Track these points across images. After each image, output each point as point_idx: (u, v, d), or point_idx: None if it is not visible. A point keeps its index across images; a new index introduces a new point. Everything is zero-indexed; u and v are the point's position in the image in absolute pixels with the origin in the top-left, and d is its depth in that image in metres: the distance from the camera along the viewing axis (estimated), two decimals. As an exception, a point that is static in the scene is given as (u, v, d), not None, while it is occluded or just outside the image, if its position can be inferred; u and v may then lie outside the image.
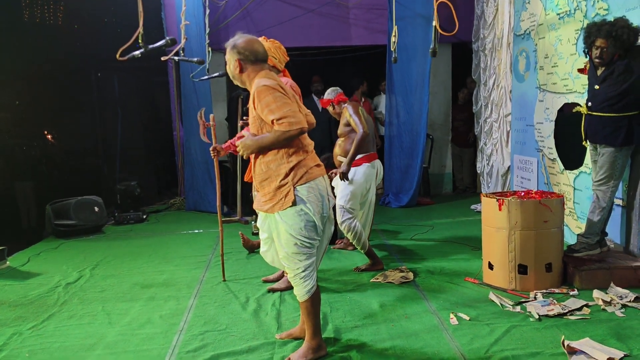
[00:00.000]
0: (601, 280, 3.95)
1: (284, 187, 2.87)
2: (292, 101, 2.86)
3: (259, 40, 3.04)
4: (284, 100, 2.79)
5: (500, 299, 3.81)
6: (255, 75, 2.95)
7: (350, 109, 4.77)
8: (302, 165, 2.89)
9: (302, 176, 2.87)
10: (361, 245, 4.70)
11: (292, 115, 2.75)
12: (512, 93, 6.51)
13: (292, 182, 2.86)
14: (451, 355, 3.02)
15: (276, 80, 2.89)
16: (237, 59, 2.97)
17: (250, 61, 2.96)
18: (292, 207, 2.85)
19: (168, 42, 4.44)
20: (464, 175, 8.89)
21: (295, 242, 2.90)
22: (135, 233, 6.61)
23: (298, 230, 2.88)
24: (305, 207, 2.87)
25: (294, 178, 2.86)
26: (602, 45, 3.95)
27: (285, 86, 2.92)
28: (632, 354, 2.93)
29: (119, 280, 4.68)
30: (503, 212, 4.03)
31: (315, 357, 3.01)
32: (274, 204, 2.90)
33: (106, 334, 3.50)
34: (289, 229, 2.89)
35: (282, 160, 2.89)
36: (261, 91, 2.80)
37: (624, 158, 4.05)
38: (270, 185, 2.92)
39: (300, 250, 2.92)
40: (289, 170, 2.87)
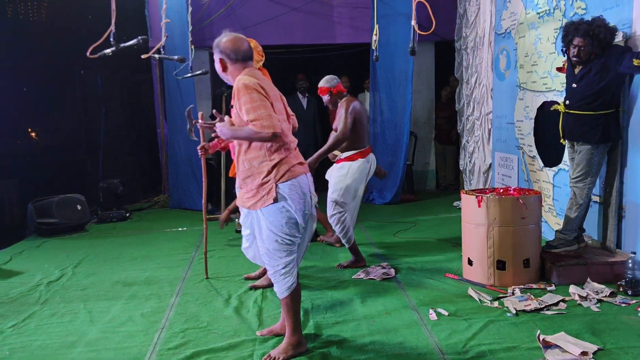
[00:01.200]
0: (578, 275, 4.03)
1: (267, 185, 2.89)
2: (271, 102, 2.86)
3: (244, 38, 3.06)
4: (260, 102, 2.80)
5: (479, 294, 3.87)
6: (239, 73, 2.97)
7: (347, 106, 4.69)
8: (284, 162, 2.92)
9: (284, 174, 2.90)
10: (347, 240, 4.73)
11: (265, 118, 2.77)
12: (493, 91, 6.58)
13: (274, 180, 2.89)
14: (429, 350, 3.06)
15: (258, 79, 2.91)
16: (220, 57, 3.01)
17: (232, 60, 2.99)
18: (274, 204, 2.88)
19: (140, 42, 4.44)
20: (447, 173, 8.96)
21: (276, 239, 2.93)
22: (118, 231, 6.60)
23: (279, 227, 2.91)
24: (287, 204, 2.89)
25: (276, 175, 2.89)
26: (580, 44, 4.01)
27: (267, 86, 2.94)
28: (605, 347, 2.99)
29: (101, 278, 4.67)
30: (482, 208, 4.09)
31: (295, 354, 3.04)
32: (256, 200, 2.93)
33: (87, 332, 3.51)
34: (270, 226, 2.92)
35: (264, 157, 2.91)
36: (239, 89, 2.83)
37: (600, 155, 4.12)
38: (253, 182, 2.94)
39: (280, 247, 2.95)
40: (271, 167, 2.90)
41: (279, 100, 3.05)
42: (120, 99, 8.52)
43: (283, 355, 3.00)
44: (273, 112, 2.84)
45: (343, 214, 4.70)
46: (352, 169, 4.73)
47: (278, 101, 3.02)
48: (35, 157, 6.87)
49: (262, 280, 4.25)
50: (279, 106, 3.00)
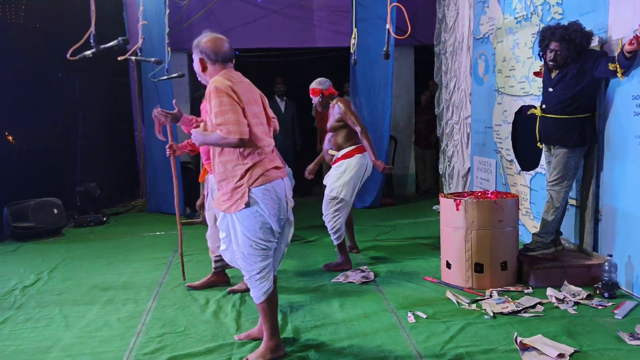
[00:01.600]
0: (555, 278, 4.06)
1: (240, 189, 2.87)
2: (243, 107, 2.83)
3: (225, 39, 3.02)
4: (229, 106, 2.77)
5: (457, 297, 3.88)
6: (217, 74, 2.94)
7: (348, 106, 4.73)
8: (257, 166, 2.89)
9: (258, 178, 2.87)
10: (337, 236, 4.76)
11: (232, 123, 2.75)
12: (471, 95, 6.64)
13: (247, 184, 2.86)
14: (407, 352, 3.06)
15: (233, 81, 2.87)
16: (199, 57, 2.98)
17: (212, 60, 2.96)
18: (247, 208, 2.86)
19: (120, 42, 4.39)
20: (427, 177, 9.01)
21: (250, 244, 2.91)
22: (95, 235, 6.51)
23: (253, 231, 2.89)
24: (260, 209, 2.87)
25: (249, 180, 2.86)
26: (556, 48, 4.06)
27: (243, 89, 2.90)
28: (582, 349, 3.02)
29: (77, 282, 4.60)
30: (460, 212, 4.11)
31: (273, 357, 3.02)
32: (231, 204, 2.90)
33: (62, 337, 3.45)
34: (245, 230, 2.89)
35: (237, 161, 2.89)
36: (210, 92, 2.81)
37: (577, 159, 4.17)
38: (228, 186, 2.92)
39: (255, 252, 2.92)
40: (244, 171, 2.87)
41: (256, 103, 3.00)
42: (98, 102, 8.41)
43: (261, 359, 2.98)
44: (242, 117, 2.80)
45: (339, 211, 4.72)
46: (350, 166, 4.75)
47: (254, 104, 2.97)
48: (12, 160, 6.75)
49: (241, 284, 4.22)
50: (255, 110, 2.96)
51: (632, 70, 3.77)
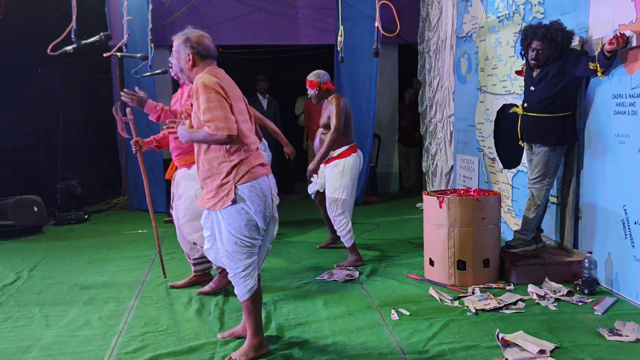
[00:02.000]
0: (536, 275, 4.10)
1: (226, 186, 2.85)
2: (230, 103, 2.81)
3: (208, 36, 3.00)
4: (217, 102, 2.75)
5: (440, 294, 3.91)
6: (202, 71, 2.92)
7: (338, 105, 4.67)
8: (244, 163, 2.87)
9: (244, 175, 2.86)
10: (349, 238, 4.76)
11: (220, 120, 2.73)
12: (454, 94, 6.67)
13: (233, 181, 2.85)
14: (390, 349, 3.07)
15: (219, 78, 2.86)
16: (190, 52, 2.93)
17: (203, 56, 2.94)
18: (233, 205, 2.84)
19: (102, 38, 4.33)
20: (410, 175, 9.04)
21: (235, 241, 2.89)
22: (76, 233, 6.43)
23: (238, 229, 2.87)
24: (246, 206, 2.86)
25: (236, 177, 2.85)
26: (538, 47, 4.10)
27: (228, 86, 2.89)
28: (562, 345, 3.05)
29: (57, 281, 4.54)
30: (443, 209, 4.13)
31: (257, 356, 3.01)
32: (216, 201, 2.89)
33: (43, 336, 3.40)
34: (230, 228, 2.88)
35: (223, 158, 2.87)
36: (198, 89, 2.78)
37: (557, 157, 4.22)
38: (213, 183, 2.90)
39: (240, 250, 2.91)
40: (231, 168, 2.86)
41: (241, 100, 2.99)
42: (79, 98, 8.31)
43: (244, 358, 2.97)
44: (230, 113, 2.79)
45: (344, 211, 4.73)
46: (347, 165, 4.73)
47: (240, 101, 2.97)
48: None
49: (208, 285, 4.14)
50: (241, 106, 2.95)
51: (612, 69, 3.82)
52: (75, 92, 8.20)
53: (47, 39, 4.65)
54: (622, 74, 3.76)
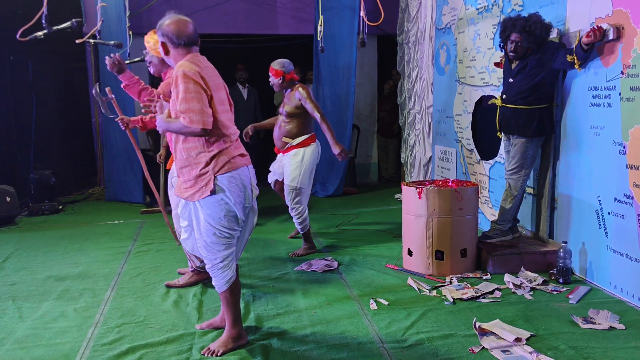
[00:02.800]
0: (512, 264, 4.15)
1: (205, 176, 2.82)
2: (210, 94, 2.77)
3: (189, 21, 2.91)
4: (195, 94, 2.71)
5: (418, 284, 3.93)
6: (181, 58, 2.86)
7: (309, 93, 4.67)
8: (223, 154, 2.84)
9: (224, 165, 2.83)
10: (304, 226, 4.82)
11: (196, 112, 2.69)
12: (433, 85, 6.70)
13: (212, 171, 2.81)
14: (369, 339, 3.09)
15: (200, 67, 2.80)
16: (162, 40, 2.88)
17: (175, 44, 2.86)
18: (212, 196, 2.81)
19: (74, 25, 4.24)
20: (389, 166, 9.08)
21: (214, 232, 2.86)
22: (50, 224, 6.32)
23: (217, 219, 2.85)
24: (226, 196, 2.82)
25: (215, 167, 2.82)
26: (517, 39, 4.12)
27: (209, 75, 2.84)
28: (538, 333, 3.10)
29: (31, 273, 4.46)
30: (422, 200, 4.15)
31: (235, 346, 3.00)
32: (194, 191, 2.85)
33: (16, 329, 3.34)
34: (209, 218, 2.85)
35: (202, 148, 2.83)
36: (177, 77, 2.73)
37: (534, 148, 4.26)
38: (190, 173, 2.86)
39: (219, 240, 2.88)
40: (210, 159, 2.82)
41: (222, 89, 2.93)
42: (53, 86, 8.13)
43: (223, 348, 2.95)
44: (207, 106, 2.74)
45: (301, 200, 4.77)
46: (306, 154, 4.75)
47: (221, 90, 2.91)
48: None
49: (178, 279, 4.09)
50: (222, 96, 2.90)
51: (589, 62, 3.86)
52: (48, 81, 8.02)
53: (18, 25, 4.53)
54: (598, 66, 3.80)
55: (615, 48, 3.62)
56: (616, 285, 3.68)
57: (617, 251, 3.65)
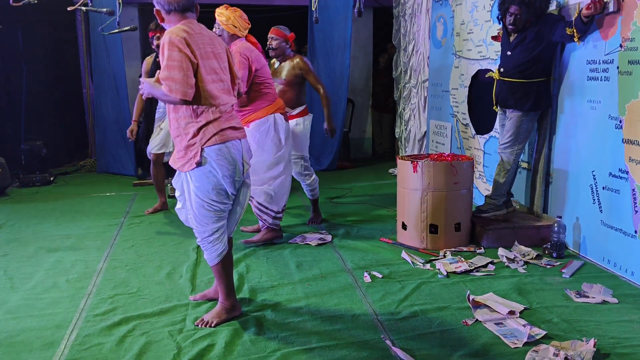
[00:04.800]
0: (506, 239, 4.16)
1: (193, 147, 2.78)
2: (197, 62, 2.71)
3: None
4: (178, 62, 2.65)
5: (412, 257, 3.93)
6: (175, 24, 2.80)
7: (310, 66, 4.71)
8: (211, 125, 2.78)
9: (211, 137, 2.77)
10: (313, 194, 4.94)
11: (176, 81, 2.64)
12: (429, 59, 6.63)
13: (200, 143, 2.76)
14: (363, 311, 3.09)
15: (189, 33, 2.72)
16: (155, 9, 2.83)
17: (166, 10, 2.81)
18: (199, 167, 2.77)
19: None
20: (383, 140, 9.04)
21: (202, 204, 2.83)
22: (41, 195, 6.27)
23: (206, 192, 2.81)
24: (213, 169, 2.78)
25: (202, 138, 2.77)
26: (516, 12, 4.06)
27: (201, 42, 2.76)
28: (531, 307, 3.11)
29: (22, 244, 4.43)
30: (417, 173, 4.13)
31: (229, 317, 2.99)
32: (184, 162, 2.81)
33: (8, 299, 3.32)
34: (197, 191, 2.81)
35: (190, 119, 2.78)
36: (164, 44, 2.68)
37: (530, 123, 4.23)
38: (181, 143, 2.82)
39: (207, 213, 2.85)
40: (197, 130, 2.77)
41: (217, 58, 2.85)
42: (43, 56, 7.99)
43: (216, 320, 2.94)
44: (190, 76, 2.68)
45: (309, 167, 4.87)
46: (305, 123, 4.79)
47: (214, 59, 2.83)
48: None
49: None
50: (214, 65, 2.82)
51: (588, 35, 3.82)
52: (39, 51, 7.88)
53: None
54: (597, 39, 3.76)
55: (615, 21, 3.58)
56: (609, 259, 3.69)
57: (611, 226, 3.65)
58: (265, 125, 4.16)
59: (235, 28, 4.08)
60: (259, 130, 4.15)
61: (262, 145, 4.18)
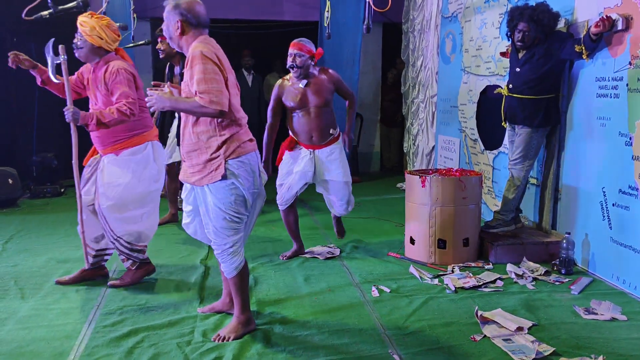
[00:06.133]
0: (515, 254, 4.15)
1: (215, 160, 2.80)
2: (226, 77, 2.76)
3: (201, 3, 2.90)
4: (214, 74, 2.69)
5: (420, 272, 3.93)
6: (194, 39, 2.83)
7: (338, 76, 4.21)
8: (234, 139, 2.82)
9: (235, 150, 2.81)
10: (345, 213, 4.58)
11: (215, 93, 2.66)
12: (438, 74, 6.66)
13: (223, 156, 2.79)
14: (371, 325, 3.09)
15: (214, 48, 2.79)
16: (179, 19, 2.82)
17: (192, 25, 2.83)
18: (223, 180, 2.79)
19: (80, 4, 4.19)
20: (391, 155, 9.06)
21: (224, 217, 2.85)
22: (51, 207, 6.32)
23: (228, 204, 2.83)
24: (236, 181, 2.81)
25: (226, 152, 2.80)
26: (524, 29, 4.09)
27: (223, 57, 2.83)
28: (540, 323, 3.10)
29: (33, 254, 4.47)
30: (425, 188, 4.14)
31: (245, 332, 2.98)
32: (203, 176, 2.83)
33: (18, 309, 3.35)
34: (219, 203, 2.83)
35: (214, 132, 2.81)
36: (195, 57, 2.70)
37: (539, 139, 4.24)
38: (200, 157, 2.83)
39: (229, 225, 2.86)
40: (221, 143, 2.80)
41: (232, 73, 2.92)
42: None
43: (233, 334, 2.93)
44: (225, 87, 2.73)
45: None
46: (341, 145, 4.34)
47: (232, 74, 2.90)
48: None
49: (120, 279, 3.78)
50: (233, 80, 2.88)
51: (597, 52, 3.83)
52: (52, 63, 7.98)
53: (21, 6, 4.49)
54: (606, 57, 3.77)
55: (624, 38, 3.59)
56: (619, 276, 3.68)
57: (620, 243, 3.64)
58: (143, 154, 3.64)
59: (101, 40, 3.55)
60: (134, 159, 3.64)
61: (139, 175, 3.62)
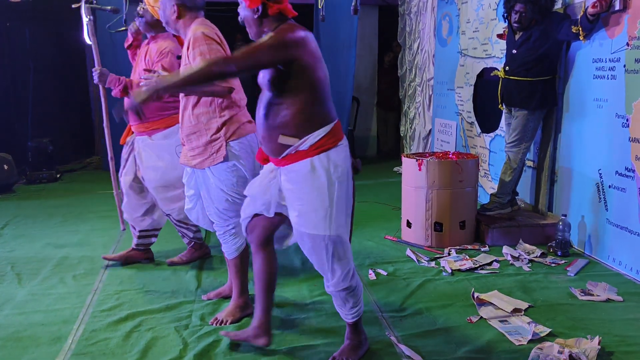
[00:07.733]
0: (511, 237, 4.16)
1: (216, 142, 2.79)
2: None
3: None
4: (218, 53, 2.70)
5: (417, 255, 3.94)
6: (192, 22, 2.83)
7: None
8: (234, 120, 2.82)
9: (235, 131, 2.81)
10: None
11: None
12: (434, 57, 6.62)
13: (224, 137, 2.79)
14: (368, 308, 3.09)
15: (214, 29, 2.79)
16: (175, 3, 2.82)
17: (188, 8, 2.84)
18: (224, 162, 2.79)
19: None
20: (388, 138, 9.04)
21: (226, 198, 2.85)
22: (47, 192, 6.31)
23: (230, 185, 2.83)
24: (239, 162, 2.81)
25: (227, 133, 2.79)
26: (521, 10, 4.06)
27: (221, 37, 2.83)
28: (536, 305, 3.12)
29: (30, 240, 4.46)
30: (422, 171, 4.14)
31: (242, 315, 2.99)
32: (204, 158, 2.82)
33: (15, 294, 3.35)
34: (221, 185, 2.83)
35: (214, 114, 2.80)
36: (198, 38, 2.70)
37: (536, 121, 4.23)
38: (200, 140, 2.82)
39: (231, 207, 2.87)
40: (221, 124, 2.79)
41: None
42: (50, 53, 8.03)
43: (231, 318, 2.94)
44: None
45: None
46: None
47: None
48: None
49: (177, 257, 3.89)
50: None
51: (594, 33, 3.81)
52: (46, 48, 7.92)
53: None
54: (603, 38, 3.75)
55: (622, 19, 3.57)
56: (614, 258, 3.69)
57: (616, 224, 3.65)
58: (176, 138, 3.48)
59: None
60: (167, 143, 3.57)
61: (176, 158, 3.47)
